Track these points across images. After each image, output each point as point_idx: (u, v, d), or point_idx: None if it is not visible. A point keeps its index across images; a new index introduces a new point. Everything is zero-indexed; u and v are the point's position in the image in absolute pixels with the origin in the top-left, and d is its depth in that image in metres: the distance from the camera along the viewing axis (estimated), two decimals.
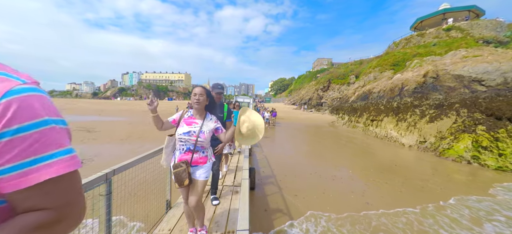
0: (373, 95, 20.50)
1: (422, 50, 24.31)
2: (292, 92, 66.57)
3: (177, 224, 2.59)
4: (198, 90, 2.09)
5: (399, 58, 25.13)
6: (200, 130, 2.04)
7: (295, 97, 54.03)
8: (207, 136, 2.07)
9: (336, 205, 4.87)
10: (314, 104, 40.95)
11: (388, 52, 32.11)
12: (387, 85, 19.21)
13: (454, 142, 10.10)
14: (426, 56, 21.27)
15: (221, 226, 2.58)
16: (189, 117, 2.13)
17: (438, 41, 25.96)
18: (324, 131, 18.32)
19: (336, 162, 8.66)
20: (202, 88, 2.13)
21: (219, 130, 2.15)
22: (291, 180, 6.30)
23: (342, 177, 6.80)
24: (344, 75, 41.12)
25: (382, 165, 8.42)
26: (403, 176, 7.16)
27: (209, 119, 2.16)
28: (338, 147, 11.97)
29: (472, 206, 5.11)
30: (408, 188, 6.09)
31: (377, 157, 9.94)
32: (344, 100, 28.81)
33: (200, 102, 2.06)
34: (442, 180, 6.94)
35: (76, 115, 23.43)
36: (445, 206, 5.09)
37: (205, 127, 2.08)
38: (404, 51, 27.27)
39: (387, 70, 25.01)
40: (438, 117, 12.03)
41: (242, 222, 0.87)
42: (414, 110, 13.83)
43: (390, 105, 16.43)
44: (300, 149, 11.28)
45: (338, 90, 38.95)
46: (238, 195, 3.50)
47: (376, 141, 14.17)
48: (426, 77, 15.71)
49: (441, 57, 19.21)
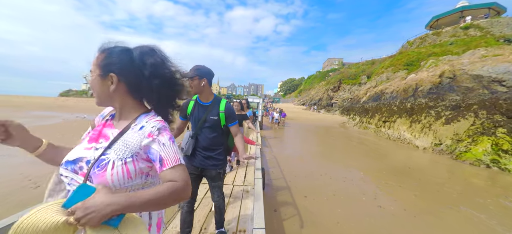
0: (385, 96, 19.99)
1: (438, 49, 23.44)
2: (302, 93, 66.01)
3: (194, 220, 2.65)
4: None
5: (413, 58, 24.36)
6: None
7: (305, 98, 53.54)
8: None
9: (347, 208, 4.80)
10: (324, 105, 40.42)
11: (402, 52, 31.18)
12: (400, 86, 18.67)
13: (472, 145, 9.68)
14: (442, 55, 20.49)
15: (232, 226, 2.62)
16: None
17: (455, 40, 24.93)
18: (335, 132, 18.05)
19: (346, 163, 8.52)
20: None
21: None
22: (301, 181, 6.26)
23: (353, 179, 6.69)
24: (355, 75, 40.32)
25: (395, 167, 8.20)
26: (417, 179, 6.94)
27: None
28: (349, 148, 11.77)
29: (490, 210, 4.89)
30: (422, 192, 5.90)
31: (390, 159, 9.69)
32: (355, 101, 28.26)
33: None
34: (459, 184, 6.68)
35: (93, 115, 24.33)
36: (464, 211, 4.90)
37: None
38: (418, 50, 26.40)
39: (400, 70, 24.32)
40: (455, 119, 11.57)
41: (258, 220, 0.89)
42: (429, 112, 13.37)
43: (403, 106, 15.96)
44: (310, 149, 11.17)
45: (349, 91, 38.25)
46: (249, 194, 3.53)
47: (389, 142, 13.81)
48: (442, 78, 15.14)
49: (459, 56, 18.45)
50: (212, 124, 1.92)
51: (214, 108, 1.94)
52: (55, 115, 20.72)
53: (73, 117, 19.70)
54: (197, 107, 1.96)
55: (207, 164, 1.96)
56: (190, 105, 1.98)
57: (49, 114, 21.52)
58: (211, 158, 1.97)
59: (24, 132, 0.85)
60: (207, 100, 1.95)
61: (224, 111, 1.96)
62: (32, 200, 4.09)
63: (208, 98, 1.96)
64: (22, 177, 5.29)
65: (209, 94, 1.96)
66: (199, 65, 1.87)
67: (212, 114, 1.92)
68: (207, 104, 1.94)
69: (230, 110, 1.98)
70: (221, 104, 1.97)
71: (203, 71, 1.85)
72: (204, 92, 1.91)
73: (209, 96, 1.96)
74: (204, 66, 1.87)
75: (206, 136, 1.93)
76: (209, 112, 1.92)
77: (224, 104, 1.97)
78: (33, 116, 19.47)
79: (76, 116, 20.93)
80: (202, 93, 1.91)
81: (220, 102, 1.98)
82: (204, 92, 1.92)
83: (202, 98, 1.94)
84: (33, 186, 4.87)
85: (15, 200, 4.24)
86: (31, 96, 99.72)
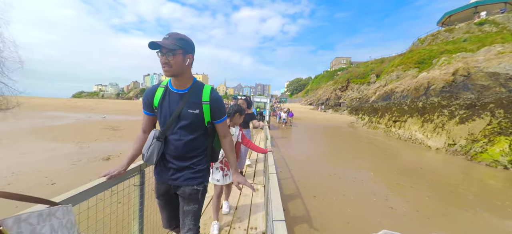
0: (395, 95, 19.55)
1: (451, 46, 22.71)
2: (309, 93, 65.50)
3: (200, 218, 2.68)
4: None
5: (425, 56, 23.71)
6: None
7: (312, 98, 53.09)
8: None
9: (357, 209, 4.73)
10: (332, 105, 39.96)
11: (412, 50, 30.40)
12: (411, 85, 18.21)
13: (488, 145, 9.33)
14: (455, 53, 19.84)
15: (244, 223, 2.64)
16: None
17: (469, 37, 24.09)
18: (343, 132, 17.80)
19: (356, 163, 8.39)
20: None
21: None
22: (309, 181, 6.22)
23: (363, 179, 6.58)
24: (364, 74, 39.63)
25: (407, 168, 8.01)
26: (430, 180, 6.76)
27: None
28: (358, 148, 11.58)
29: (509, 213, 4.70)
30: (436, 193, 5.74)
31: (401, 159, 9.48)
32: (364, 100, 27.78)
33: None
34: (475, 185, 6.46)
35: (107, 115, 24.98)
36: (480, 213, 4.73)
37: None
38: (430, 48, 25.67)
39: (411, 69, 23.72)
40: (470, 118, 11.18)
41: (276, 213, 0.89)
42: (442, 111, 12.98)
43: (414, 106, 15.57)
44: (318, 149, 11.07)
45: (357, 90, 37.64)
46: (259, 192, 3.54)
47: (399, 142, 13.50)
48: (456, 76, 14.67)
49: (473, 53, 17.81)
50: (191, 121, 1.34)
51: (194, 98, 1.35)
52: (68, 116, 21.43)
53: (84, 116, 20.28)
54: (168, 96, 1.37)
55: (180, 178, 1.38)
56: (158, 94, 1.39)
57: (63, 115, 22.28)
58: (187, 169, 1.38)
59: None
60: (183, 87, 1.36)
61: (209, 102, 1.37)
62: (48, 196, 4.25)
63: (186, 83, 1.36)
64: (39, 174, 5.50)
65: (188, 78, 1.37)
66: (180, 34, 1.28)
67: (190, 107, 1.33)
68: (183, 92, 1.35)
69: (217, 101, 1.40)
70: (204, 92, 1.38)
71: (189, 43, 1.30)
72: (183, 75, 1.33)
73: (188, 81, 1.37)
74: (186, 36, 1.30)
75: (181, 139, 1.35)
76: (186, 103, 1.33)
77: (208, 92, 1.38)
78: (48, 116, 20.22)
79: (89, 116, 21.58)
80: (181, 76, 1.32)
81: (203, 90, 1.39)
82: (184, 75, 1.33)
83: (177, 83, 1.35)
84: (50, 183, 5.06)
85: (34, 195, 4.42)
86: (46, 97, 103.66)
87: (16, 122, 14.86)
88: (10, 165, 6.06)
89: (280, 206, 0.96)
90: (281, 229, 0.81)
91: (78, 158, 7.08)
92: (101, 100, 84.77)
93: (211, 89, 1.40)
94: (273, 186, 1.31)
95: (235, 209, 2.99)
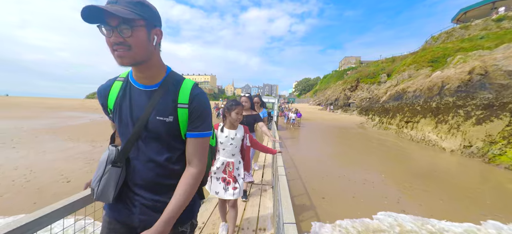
0: (408, 95, 19.02)
1: (466, 44, 21.85)
2: (317, 93, 64.79)
3: (210, 218, 2.71)
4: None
5: (439, 54, 22.94)
6: None
7: (321, 98, 52.48)
8: None
9: (367, 211, 4.63)
10: (341, 105, 39.35)
11: (426, 48, 29.48)
12: (424, 84, 17.66)
13: (507, 147, 8.91)
14: (471, 50, 19.07)
15: (252, 224, 2.64)
16: None
17: (487, 34, 23.09)
18: (353, 133, 17.49)
19: (366, 165, 8.22)
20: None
21: None
22: (318, 182, 6.15)
23: (374, 181, 6.44)
24: (374, 74, 38.78)
25: (419, 170, 7.77)
26: (445, 183, 6.53)
27: None
28: (368, 150, 11.34)
29: None
30: (451, 197, 5.54)
31: (413, 161, 9.21)
32: (375, 100, 27.19)
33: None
34: (493, 189, 6.18)
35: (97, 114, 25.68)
36: (500, 219, 4.52)
37: None
38: (444, 46, 24.81)
39: (424, 68, 23.02)
40: (487, 119, 10.71)
41: (287, 215, 0.89)
42: (457, 111, 12.51)
43: (428, 106, 15.09)
44: (327, 150, 10.93)
45: (367, 90, 36.89)
46: (267, 193, 3.53)
47: (411, 144, 13.11)
48: (472, 74, 14.09)
49: (491, 51, 17.05)
50: (162, 134, 0.88)
51: (167, 99, 0.88)
52: (83, 116, 22.20)
53: (98, 117, 20.93)
54: (128, 95, 0.90)
55: (152, 218, 0.86)
56: (114, 91, 0.93)
57: (78, 115, 23.10)
58: (163, 205, 0.86)
59: None
60: (152, 81, 0.89)
61: (188, 105, 0.89)
62: (64, 194, 4.42)
63: (155, 75, 0.89)
64: (56, 172, 5.73)
65: (158, 68, 0.89)
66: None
67: (160, 112, 0.87)
68: (151, 88, 0.89)
69: (201, 105, 0.91)
70: (182, 90, 0.90)
71: (152, 10, 0.82)
72: (150, 62, 0.85)
73: (157, 72, 0.89)
74: (149, 3, 0.81)
75: (151, 160, 0.90)
76: (156, 107, 0.87)
77: (188, 90, 0.90)
78: (65, 116, 21.02)
79: (101, 116, 22.25)
80: (146, 63, 0.84)
81: (181, 86, 0.91)
82: (150, 62, 0.85)
83: (141, 75, 0.88)
84: (65, 181, 5.26)
85: (51, 193, 4.61)
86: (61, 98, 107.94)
87: (35, 122, 15.55)
88: (29, 163, 6.34)
89: (291, 208, 0.95)
90: (292, 231, 0.81)
91: (92, 157, 7.31)
92: None
93: (193, 87, 0.90)
94: (283, 187, 1.30)
95: (243, 210, 3.00)
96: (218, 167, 2.06)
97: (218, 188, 2.08)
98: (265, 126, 3.53)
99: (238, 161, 2.15)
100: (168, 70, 0.93)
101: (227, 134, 2.11)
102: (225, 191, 2.06)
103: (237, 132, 2.13)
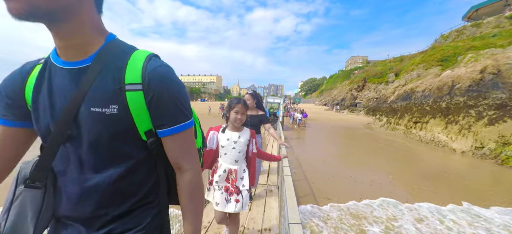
0: (416, 94, 18.64)
1: (478, 42, 21.24)
2: (324, 93, 64.28)
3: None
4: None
5: (449, 53, 22.37)
6: None
7: (327, 98, 52.02)
8: None
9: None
10: (347, 105, 38.89)
11: (435, 47, 28.81)
12: (433, 84, 17.27)
13: None
14: (483, 49, 18.52)
15: (258, 224, 2.65)
16: None
17: (499, 32, 22.38)
18: (360, 133, 17.26)
19: (373, 166, 8.10)
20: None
21: None
22: (324, 183, 6.10)
23: (381, 182, 6.34)
24: (382, 73, 38.15)
25: (428, 171, 7.61)
26: (455, 185, 6.37)
27: None
28: (376, 150, 11.17)
29: None
30: (462, 199, 5.40)
31: (422, 162, 9.01)
32: (382, 100, 26.77)
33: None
34: (507, 192, 5.99)
35: None
36: None
37: None
38: (454, 44, 24.19)
39: (433, 67, 22.49)
40: (500, 119, 10.38)
41: (293, 215, 0.89)
42: (468, 112, 12.18)
43: (437, 106, 14.74)
44: (333, 151, 10.82)
45: (374, 90, 36.34)
46: (273, 193, 3.53)
47: (420, 145, 12.84)
48: (484, 73, 13.69)
49: (504, 49, 16.53)
50: (103, 131, 0.55)
51: (106, 78, 0.55)
52: None
53: None
54: (47, 79, 0.57)
55: None
56: (32, 78, 0.58)
57: None
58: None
59: None
60: (80, 54, 0.55)
61: (143, 86, 0.56)
62: None
63: (87, 46, 0.55)
64: None
65: (92, 33, 0.55)
66: None
67: (96, 100, 0.54)
68: (80, 65, 0.55)
69: (164, 83, 0.58)
70: (131, 64, 0.57)
71: None
72: (74, 22, 0.51)
73: (92, 40, 0.56)
74: None
75: (85, 176, 0.57)
76: (88, 91, 0.54)
77: (141, 62, 0.57)
78: None
79: None
80: (69, 21, 0.50)
81: (129, 60, 0.57)
82: (76, 22, 0.51)
83: (64, 44, 0.54)
84: None
85: None
86: None
87: None
88: None
89: (296, 208, 0.95)
90: (298, 231, 0.81)
91: None
92: None
93: (148, 58, 0.59)
94: (288, 188, 1.30)
95: (249, 210, 3.01)
96: (220, 175, 1.74)
97: (219, 198, 1.74)
98: (272, 128, 3.17)
99: (243, 169, 1.83)
100: (108, 38, 0.58)
101: (229, 136, 1.79)
102: (227, 202, 1.73)
103: (241, 134, 1.81)
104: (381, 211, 4.59)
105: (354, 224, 4.11)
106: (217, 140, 1.85)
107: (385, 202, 5.01)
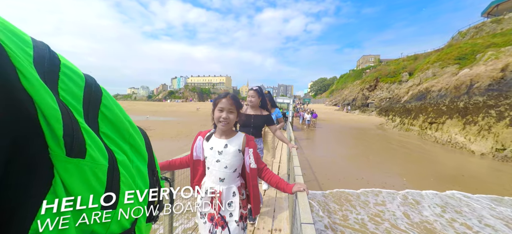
0: (432, 94, 18.00)
1: (498, 39, 20.21)
2: (334, 93, 63.29)
3: None
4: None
5: (467, 51, 21.44)
6: None
7: (337, 98, 51.17)
8: None
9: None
10: (359, 105, 38.09)
11: (452, 45, 27.67)
12: (450, 83, 16.61)
13: None
14: (504, 46, 17.60)
15: (268, 224, 2.66)
16: None
17: None
18: (372, 134, 16.87)
19: (386, 167, 7.90)
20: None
21: None
22: (335, 184, 6.02)
23: (395, 184, 6.18)
24: (395, 72, 37.08)
25: (445, 174, 7.33)
26: (473, 188, 6.10)
27: None
28: (388, 152, 10.88)
29: None
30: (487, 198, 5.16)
31: (438, 164, 8.69)
32: (395, 100, 26.04)
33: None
34: None
35: (136, 116, 26.98)
36: None
37: None
38: (473, 42, 23.15)
39: (450, 65, 21.63)
40: None
41: (305, 215, 0.90)
42: (488, 112, 11.62)
43: (454, 106, 14.16)
44: (344, 152, 10.65)
45: (387, 90, 35.38)
46: (282, 193, 3.53)
47: (436, 146, 12.38)
48: (506, 72, 13.02)
49: None
50: None
51: None
52: None
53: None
54: None
55: None
56: None
57: None
58: None
59: None
60: None
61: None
62: None
63: None
64: None
65: None
66: None
67: None
68: None
69: None
70: None
71: None
72: None
73: None
74: None
75: None
76: None
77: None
78: None
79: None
80: None
81: None
82: None
83: None
84: None
85: None
86: None
87: None
88: None
89: (308, 208, 0.96)
90: (310, 231, 0.82)
91: None
92: (134, 102, 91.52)
93: None
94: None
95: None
96: (202, 197, 1.07)
97: (202, 231, 1.30)
98: (279, 130, 2.80)
99: (231, 192, 1.29)
100: None
101: (212, 144, 1.30)
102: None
103: (229, 142, 1.29)
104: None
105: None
106: (202, 150, 1.34)
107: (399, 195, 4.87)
